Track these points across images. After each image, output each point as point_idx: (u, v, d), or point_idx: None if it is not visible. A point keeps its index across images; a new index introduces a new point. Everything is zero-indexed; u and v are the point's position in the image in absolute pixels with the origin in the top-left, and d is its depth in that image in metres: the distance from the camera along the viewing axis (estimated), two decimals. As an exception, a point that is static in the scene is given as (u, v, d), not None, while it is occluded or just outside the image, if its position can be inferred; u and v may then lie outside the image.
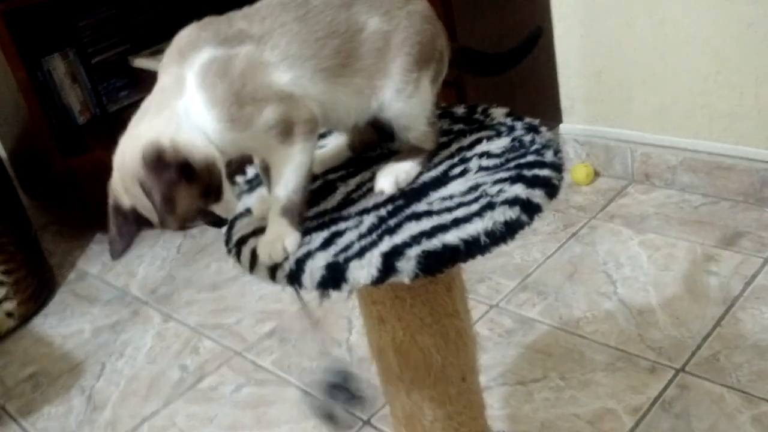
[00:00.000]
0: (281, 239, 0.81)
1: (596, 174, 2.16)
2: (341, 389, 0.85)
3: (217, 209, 0.81)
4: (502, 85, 1.93)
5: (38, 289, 2.07)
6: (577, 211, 2.02)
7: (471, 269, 1.84)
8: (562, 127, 2.18)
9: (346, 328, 1.75)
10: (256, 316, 1.87)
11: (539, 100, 2.13)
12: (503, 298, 1.76)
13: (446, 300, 0.93)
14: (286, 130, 0.80)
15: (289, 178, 0.82)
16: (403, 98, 0.87)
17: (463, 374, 0.98)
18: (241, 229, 0.89)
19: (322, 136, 1.00)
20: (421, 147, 0.91)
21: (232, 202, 0.82)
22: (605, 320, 1.62)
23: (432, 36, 0.89)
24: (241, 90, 0.79)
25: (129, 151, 0.80)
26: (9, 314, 1.97)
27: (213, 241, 2.21)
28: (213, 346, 1.79)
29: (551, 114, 2.16)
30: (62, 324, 2.00)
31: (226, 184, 0.81)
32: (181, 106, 0.80)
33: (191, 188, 0.77)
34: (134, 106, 2.66)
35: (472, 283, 1.81)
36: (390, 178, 0.87)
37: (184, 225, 0.80)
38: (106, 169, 1.62)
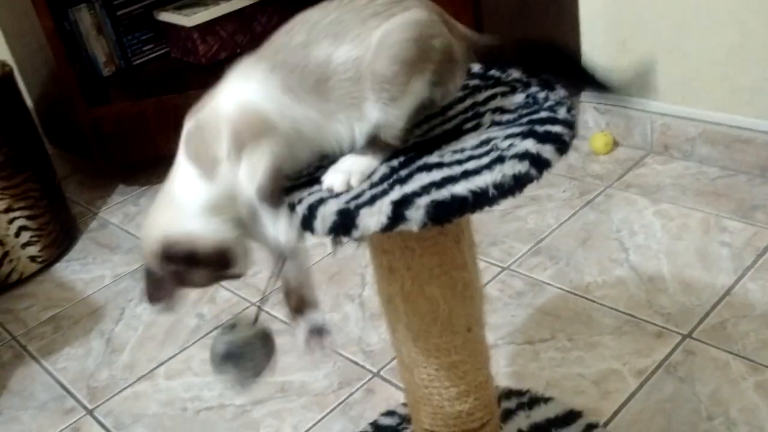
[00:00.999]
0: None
1: (615, 143, 2.16)
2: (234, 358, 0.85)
3: (235, 271, 0.89)
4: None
5: (61, 235, 2.12)
6: (594, 180, 2.03)
7: (484, 232, 1.87)
8: (583, 95, 2.18)
9: (359, 284, 1.78)
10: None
11: (561, 67, 2.12)
12: (515, 261, 1.78)
13: (455, 252, 0.95)
14: (244, 142, 0.83)
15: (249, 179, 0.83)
16: (384, 104, 0.84)
17: (468, 325, 1.01)
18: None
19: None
20: (387, 142, 0.88)
21: (248, 262, 0.89)
22: (615, 286, 1.64)
23: (418, 45, 0.84)
24: (206, 136, 0.84)
25: (147, 239, 0.88)
26: (32, 258, 2.03)
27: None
28: (229, 296, 1.83)
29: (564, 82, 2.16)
30: (84, 270, 2.05)
31: (239, 252, 0.88)
32: (178, 188, 0.85)
33: (201, 269, 0.87)
34: (158, 59, 2.70)
35: (485, 246, 1.83)
36: (341, 176, 0.84)
37: (208, 285, 0.90)
38: (129, 121, 1.67)
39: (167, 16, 2.36)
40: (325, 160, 0.88)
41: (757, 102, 1.85)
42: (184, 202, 0.85)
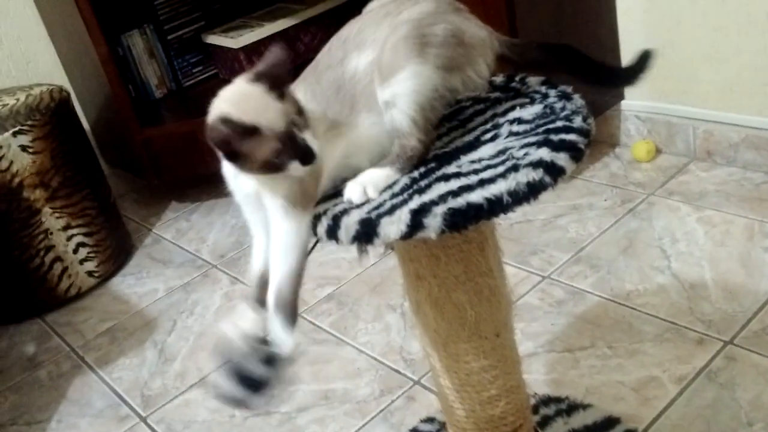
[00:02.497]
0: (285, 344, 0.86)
1: (657, 151, 2.15)
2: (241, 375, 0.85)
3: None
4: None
5: (117, 251, 2.21)
6: (636, 188, 2.02)
7: (525, 241, 1.88)
8: (624, 104, 2.18)
9: (401, 295, 1.82)
10: (317, 281, 1.95)
11: (601, 76, 2.12)
12: (555, 270, 1.79)
13: (479, 259, 0.98)
14: (297, 202, 0.87)
15: (278, 265, 0.88)
16: (389, 86, 0.88)
17: (496, 330, 1.03)
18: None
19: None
20: (403, 145, 0.90)
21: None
22: (656, 293, 1.64)
23: (414, 32, 0.88)
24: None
25: None
26: (90, 273, 2.12)
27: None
28: (275, 308, 1.89)
29: (613, 90, 2.16)
30: (138, 284, 2.14)
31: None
32: None
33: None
34: (207, 80, 2.79)
35: (526, 255, 1.85)
36: (358, 188, 0.87)
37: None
38: (180, 140, 1.78)
39: (215, 39, 2.45)
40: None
41: (801, 105, 1.83)
42: None
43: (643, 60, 1.01)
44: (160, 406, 1.66)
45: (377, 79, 0.89)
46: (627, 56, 2.09)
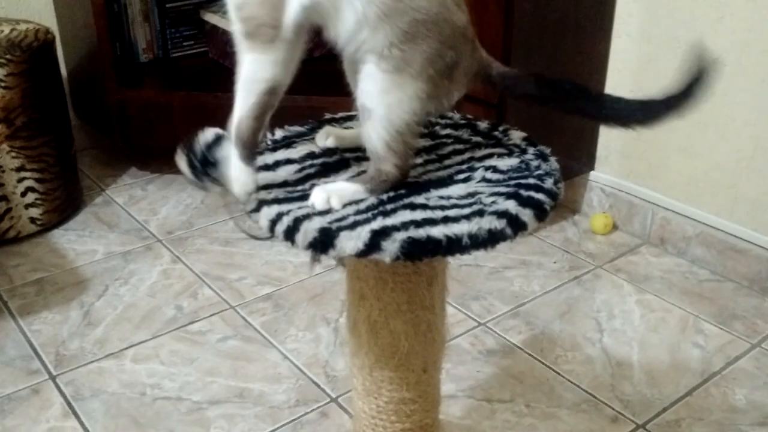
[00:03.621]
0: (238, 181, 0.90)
1: (614, 227, 2.20)
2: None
3: None
4: (543, 119, 1.98)
5: (65, 203, 2.17)
6: (586, 257, 2.07)
7: (470, 285, 1.90)
8: (592, 174, 2.23)
9: (338, 310, 1.82)
10: (258, 278, 1.94)
11: (576, 143, 2.17)
12: (492, 319, 1.81)
13: (425, 293, 0.99)
14: (249, 31, 0.85)
15: (239, 97, 0.87)
16: (374, 80, 0.86)
17: (425, 365, 1.04)
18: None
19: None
20: (378, 169, 0.90)
21: None
22: (583, 363, 1.67)
23: (445, 47, 0.88)
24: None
25: None
26: (33, 219, 2.08)
27: (236, 202, 2.29)
28: (211, 295, 1.87)
29: (585, 159, 2.21)
30: (79, 241, 2.10)
31: None
32: None
33: None
34: (195, 56, 2.77)
35: (467, 299, 1.87)
36: (323, 195, 0.88)
37: None
38: (155, 109, 1.79)
39: (212, 18, 2.44)
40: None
41: (758, 215, 1.89)
42: None
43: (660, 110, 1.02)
44: (73, 368, 1.62)
45: (378, 58, 0.86)
46: (606, 130, 2.16)
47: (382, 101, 0.88)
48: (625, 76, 2.08)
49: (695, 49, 0.95)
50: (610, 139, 2.17)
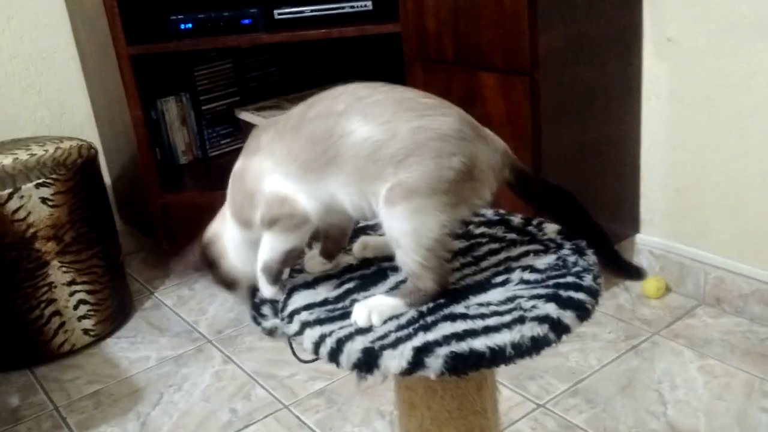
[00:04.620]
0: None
1: (667, 289, 2.15)
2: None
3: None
4: (584, 187, 1.97)
5: (116, 311, 2.21)
6: (642, 324, 2.01)
7: (524, 365, 1.86)
8: (639, 237, 2.19)
9: (392, 401, 1.79)
10: (310, 373, 1.93)
11: (619, 208, 2.15)
12: (551, 399, 1.76)
13: (475, 398, 0.97)
14: (270, 224, 0.95)
15: (263, 250, 0.98)
16: (392, 217, 0.89)
17: (482, 471, 1.01)
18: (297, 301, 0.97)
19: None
20: (415, 284, 0.91)
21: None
22: (649, 440, 1.61)
23: (444, 158, 0.89)
24: (245, 196, 0.97)
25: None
26: (86, 331, 2.12)
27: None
28: (264, 395, 1.87)
29: (630, 223, 2.18)
30: (131, 348, 2.13)
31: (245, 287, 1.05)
32: (227, 212, 1.02)
33: (213, 275, 1.05)
34: (233, 153, 2.84)
35: (523, 379, 1.83)
36: (365, 312, 0.90)
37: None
38: (198, 210, 1.84)
39: (246, 116, 2.51)
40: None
41: (814, 268, 1.83)
42: (227, 228, 1.01)
43: (635, 272, 1.04)
44: (133, 483, 1.62)
45: (383, 195, 0.89)
46: (646, 190, 2.13)
47: (405, 231, 0.88)
48: (660, 136, 2.06)
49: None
50: (652, 201, 2.14)
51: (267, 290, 1.00)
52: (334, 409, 1.80)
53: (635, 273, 1.04)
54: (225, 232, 1.02)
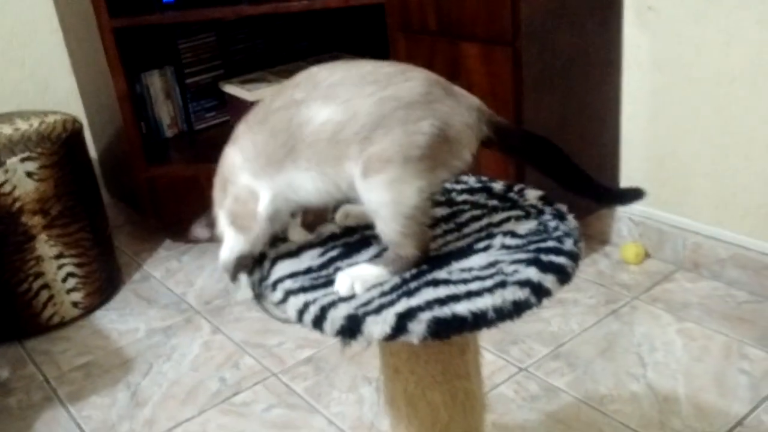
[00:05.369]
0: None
1: (646, 255, 2.19)
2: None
3: None
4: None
5: (105, 284, 2.22)
6: (621, 289, 2.06)
7: (506, 330, 1.90)
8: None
9: (378, 368, 1.83)
10: (297, 341, 1.97)
11: (600, 176, 2.17)
12: (533, 363, 1.80)
13: (459, 362, 1.00)
14: (230, 217, 1.00)
15: (224, 248, 1.03)
16: (368, 190, 0.90)
17: (466, 433, 1.05)
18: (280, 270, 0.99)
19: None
20: (396, 252, 0.92)
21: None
22: (629, 401, 1.65)
23: (411, 124, 0.88)
24: (220, 181, 1.01)
25: None
26: (75, 304, 2.13)
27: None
28: (253, 364, 1.90)
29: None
30: (120, 320, 2.15)
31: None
32: None
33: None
34: (218, 126, 2.84)
35: (506, 344, 1.87)
36: (347, 281, 0.91)
37: None
38: (184, 183, 1.85)
39: (231, 89, 2.51)
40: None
41: (790, 233, 1.87)
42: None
43: (632, 195, 1.02)
44: (125, 451, 1.66)
45: (359, 169, 0.90)
46: (626, 158, 2.16)
47: (384, 201, 0.90)
48: (640, 106, 2.08)
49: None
50: (631, 169, 2.17)
51: (232, 284, 1.05)
52: (321, 376, 1.83)
53: (634, 195, 1.01)
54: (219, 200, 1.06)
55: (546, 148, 0.97)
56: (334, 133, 0.90)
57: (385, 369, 1.05)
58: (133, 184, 2.41)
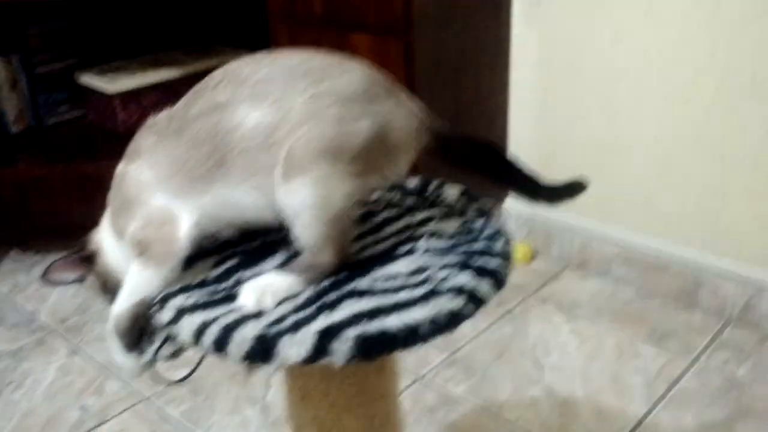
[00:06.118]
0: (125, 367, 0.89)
1: (534, 255, 2.16)
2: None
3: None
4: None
5: (-61, 302, 1.93)
6: (511, 289, 2.00)
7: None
8: (507, 203, 2.18)
9: (263, 385, 1.67)
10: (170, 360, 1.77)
11: (487, 174, 2.13)
12: (430, 371, 1.71)
13: (376, 382, 0.88)
14: (139, 247, 0.83)
15: (124, 293, 0.85)
16: (289, 193, 0.78)
17: (384, 460, 0.93)
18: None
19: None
20: (313, 259, 0.81)
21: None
22: (529, 407, 1.59)
23: (346, 124, 0.78)
24: (122, 204, 0.84)
25: None
26: None
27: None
28: (119, 388, 1.69)
29: (496, 189, 2.16)
30: (-41, 343, 1.87)
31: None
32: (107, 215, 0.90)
33: (94, 275, 0.95)
34: (73, 122, 2.57)
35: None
36: (254, 294, 0.78)
37: None
38: (35, 183, 1.61)
39: (88, 79, 2.26)
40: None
41: (675, 228, 1.89)
42: (105, 236, 0.90)
43: (575, 188, 0.94)
44: (-33, 498, 1.41)
45: (279, 171, 0.77)
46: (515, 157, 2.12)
47: (306, 203, 0.78)
48: (528, 103, 2.05)
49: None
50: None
51: (127, 361, 0.88)
52: (200, 398, 1.65)
53: (578, 187, 0.98)
54: (104, 239, 0.90)
55: (490, 155, 0.91)
56: (266, 137, 0.77)
57: (290, 394, 0.91)
58: (-28, 188, 2.11)
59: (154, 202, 0.81)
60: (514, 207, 2.16)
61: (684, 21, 1.72)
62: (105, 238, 0.89)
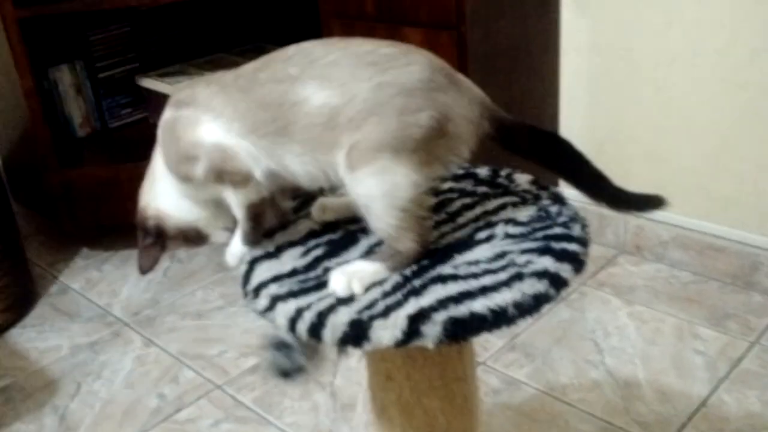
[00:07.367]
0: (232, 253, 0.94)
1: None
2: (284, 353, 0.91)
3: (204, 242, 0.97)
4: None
5: (18, 299, 2.03)
6: (568, 276, 2.03)
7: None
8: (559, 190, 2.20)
9: (331, 372, 1.73)
10: (240, 349, 1.84)
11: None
12: (491, 357, 1.75)
13: (457, 363, 0.92)
14: (217, 178, 0.88)
15: (238, 214, 0.91)
16: (356, 182, 0.82)
17: (464, 439, 0.97)
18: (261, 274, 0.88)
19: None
20: (394, 247, 0.84)
21: (217, 235, 0.97)
22: (591, 389, 1.62)
23: (409, 115, 0.81)
24: (180, 148, 0.88)
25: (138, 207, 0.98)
26: (-14, 323, 1.93)
27: (201, 268, 2.19)
28: (193, 377, 1.76)
29: (550, 176, 2.18)
30: (40, 338, 1.96)
31: (206, 229, 0.96)
32: (158, 167, 0.93)
33: (172, 241, 0.96)
34: (135, 124, 2.65)
35: (461, 338, 1.80)
36: (344, 279, 0.82)
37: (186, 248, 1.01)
38: (101, 184, 1.67)
39: (149, 83, 2.34)
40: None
41: (731, 211, 1.89)
42: (159, 183, 0.94)
43: (652, 202, 0.95)
44: (59, 482, 1.50)
45: (344, 160, 0.82)
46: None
47: (373, 195, 0.82)
48: (579, 90, 2.07)
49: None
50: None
51: (238, 250, 0.93)
52: (270, 384, 1.72)
53: (654, 202, 0.94)
54: (159, 194, 0.94)
55: (555, 145, 0.92)
56: (330, 118, 0.81)
57: (374, 377, 0.95)
58: (44, 189, 2.21)
59: (211, 136, 0.86)
60: (567, 194, 2.18)
61: (738, 1, 1.72)
62: (162, 202, 0.94)
